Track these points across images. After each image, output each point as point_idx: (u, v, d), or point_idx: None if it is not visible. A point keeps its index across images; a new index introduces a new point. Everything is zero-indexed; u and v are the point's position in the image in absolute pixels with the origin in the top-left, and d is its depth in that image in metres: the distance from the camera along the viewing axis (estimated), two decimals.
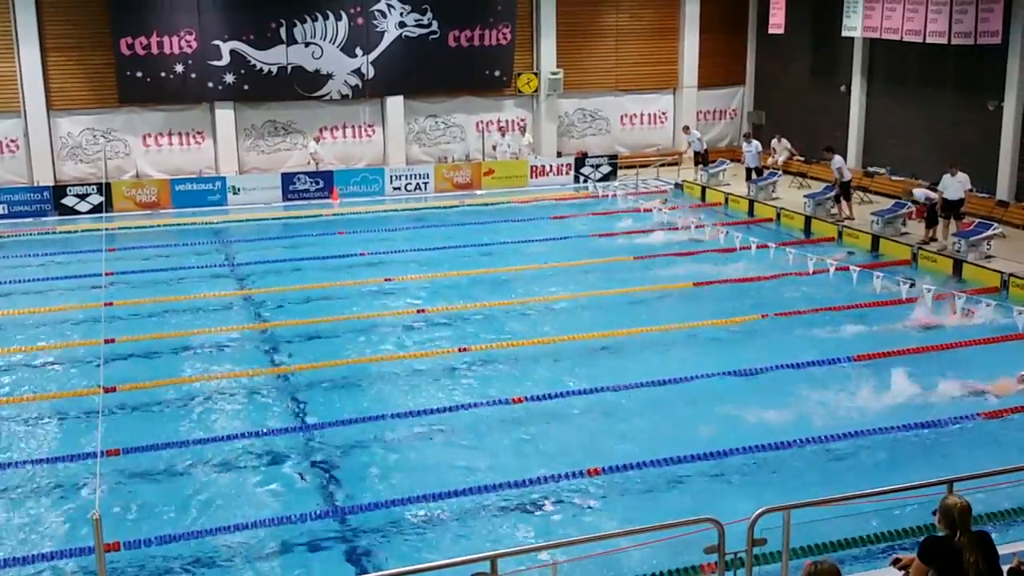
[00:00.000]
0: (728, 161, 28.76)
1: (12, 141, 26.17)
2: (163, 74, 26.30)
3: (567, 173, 28.83)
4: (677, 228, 22.21)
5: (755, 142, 26.69)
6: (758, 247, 19.93)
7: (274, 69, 27.14)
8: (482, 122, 29.68)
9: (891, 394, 13.38)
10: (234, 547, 9.95)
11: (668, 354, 15.22)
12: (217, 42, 26.58)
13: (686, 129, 29.32)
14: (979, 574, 6.34)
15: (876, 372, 14.14)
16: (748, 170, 26.42)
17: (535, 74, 29.51)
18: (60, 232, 23.99)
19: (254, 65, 26.97)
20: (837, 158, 23.47)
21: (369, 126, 28.83)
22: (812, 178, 27.29)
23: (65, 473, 11.54)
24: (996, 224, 20.77)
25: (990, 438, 12.07)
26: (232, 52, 26.74)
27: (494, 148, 29.29)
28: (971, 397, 13.23)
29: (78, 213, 25.26)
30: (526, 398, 13.33)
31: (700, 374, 13.97)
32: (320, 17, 27.28)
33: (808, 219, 23.25)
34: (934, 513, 6.78)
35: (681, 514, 9.00)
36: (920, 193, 21.54)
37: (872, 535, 9.49)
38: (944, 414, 12.51)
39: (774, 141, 28.62)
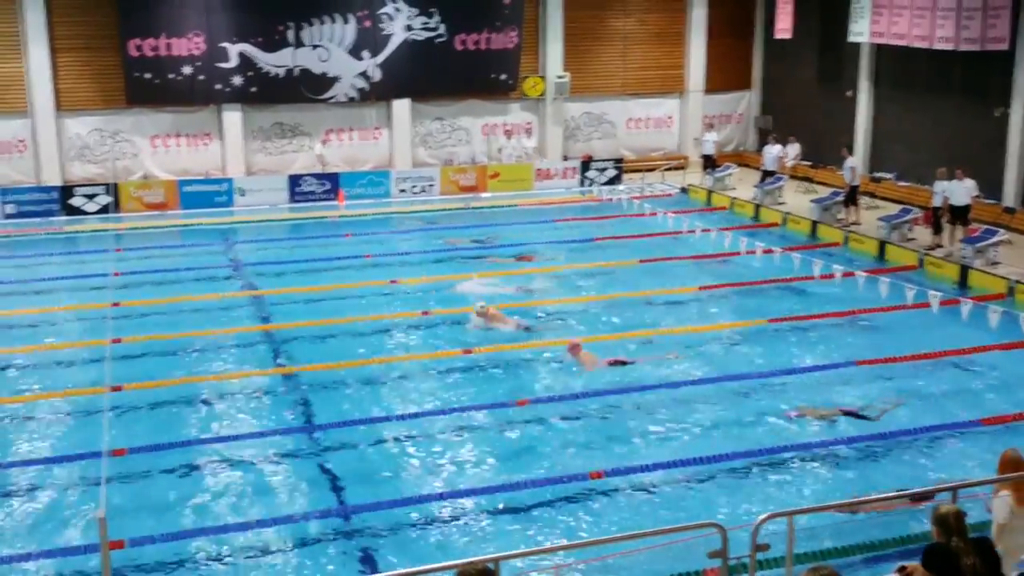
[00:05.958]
0: (735, 166, 28.76)
1: (20, 141, 26.26)
2: (171, 76, 26.37)
3: (572, 176, 28.84)
4: (682, 232, 22.20)
5: (777, 146, 26.67)
6: (763, 252, 19.93)
7: (281, 72, 27.20)
8: (488, 125, 29.71)
9: (894, 399, 13.39)
10: (238, 546, 10.00)
11: (672, 358, 15.23)
12: (225, 44, 26.65)
13: (710, 126, 29.35)
14: None
15: (879, 377, 14.15)
16: (764, 172, 26.45)
17: (541, 78, 29.53)
18: (68, 232, 24.08)
19: (261, 68, 27.03)
20: (853, 158, 23.49)
21: (376, 128, 28.88)
22: (818, 183, 27.27)
23: (71, 472, 11.59)
24: (1003, 230, 20.75)
25: (994, 444, 12.05)
26: (240, 54, 26.80)
27: (500, 151, 29.32)
28: (974, 403, 13.22)
29: (86, 213, 25.35)
30: (530, 400, 13.36)
31: (703, 378, 14.02)
32: (328, 20, 27.34)
33: (815, 224, 23.24)
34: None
35: (685, 519, 9.02)
36: (941, 186, 21.00)
37: (876, 541, 9.48)
38: (947, 419, 12.51)
39: (789, 147, 28.51)
